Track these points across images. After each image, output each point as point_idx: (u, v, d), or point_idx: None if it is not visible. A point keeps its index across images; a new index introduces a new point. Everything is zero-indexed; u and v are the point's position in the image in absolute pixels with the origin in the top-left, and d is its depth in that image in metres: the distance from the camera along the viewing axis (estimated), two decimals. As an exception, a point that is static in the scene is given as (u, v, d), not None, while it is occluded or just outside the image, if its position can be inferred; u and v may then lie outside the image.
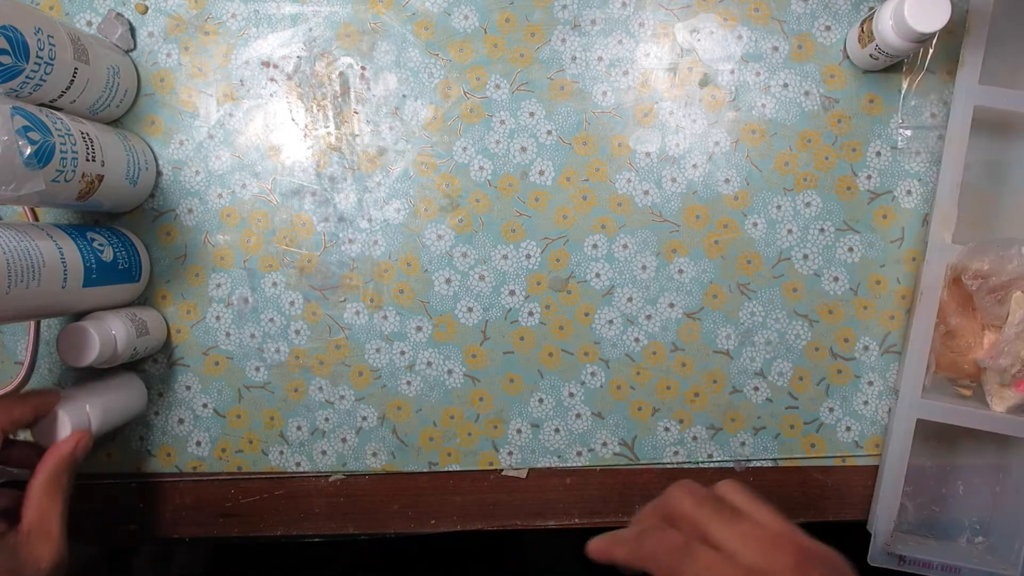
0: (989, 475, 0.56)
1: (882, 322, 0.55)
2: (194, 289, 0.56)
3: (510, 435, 0.56)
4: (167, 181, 0.55)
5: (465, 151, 0.55)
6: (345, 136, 0.55)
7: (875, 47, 0.49)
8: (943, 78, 0.54)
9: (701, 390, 0.56)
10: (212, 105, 0.55)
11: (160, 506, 0.57)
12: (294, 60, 0.55)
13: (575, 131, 0.55)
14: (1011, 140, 0.54)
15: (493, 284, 0.56)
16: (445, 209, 0.55)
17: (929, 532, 0.56)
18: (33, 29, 0.42)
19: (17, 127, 0.40)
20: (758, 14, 0.55)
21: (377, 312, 0.56)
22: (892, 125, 0.54)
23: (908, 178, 0.54)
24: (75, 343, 0.47)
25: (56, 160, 0.43)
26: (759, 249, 0.55)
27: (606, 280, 0.55)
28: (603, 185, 0.55)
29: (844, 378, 0.55)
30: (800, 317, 0.55)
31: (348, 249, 0.56)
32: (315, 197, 0.56)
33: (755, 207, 0.55)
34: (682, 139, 0.55)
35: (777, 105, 0.55)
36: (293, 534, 0.57)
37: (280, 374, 0.56)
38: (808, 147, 0.55)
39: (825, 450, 0.56)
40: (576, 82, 0.55)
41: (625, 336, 0.56)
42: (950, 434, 0.54)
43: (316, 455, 0.56)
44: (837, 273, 0.55)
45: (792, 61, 0.55)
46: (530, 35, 0.55)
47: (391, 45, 0.55)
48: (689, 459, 0.56)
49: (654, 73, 0.55)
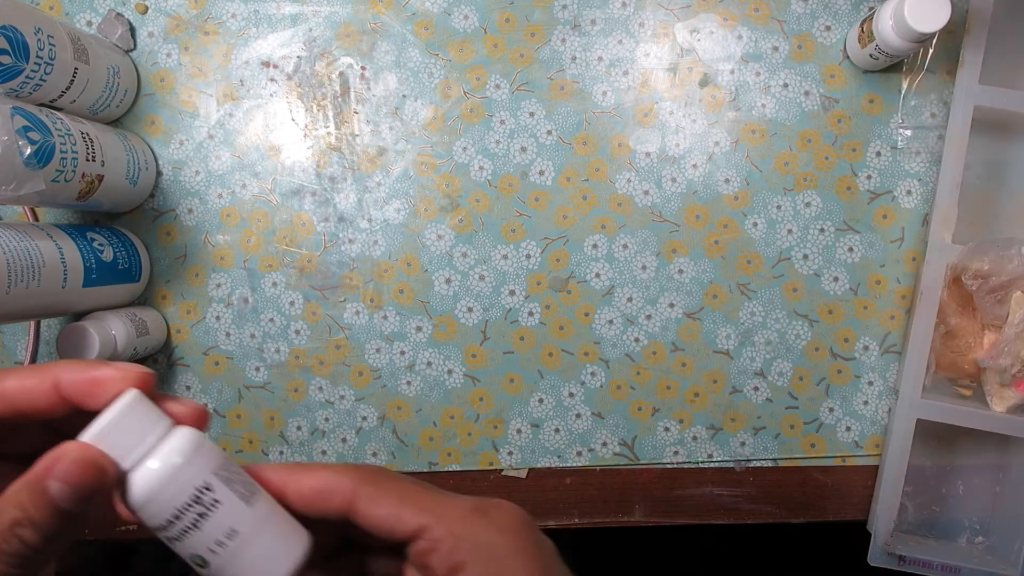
0: (989, 475, 0.56)
1: (882, 322, 0.55)
2: (194, 289, 0.56)
3: (510, 435, 0.56)
4: (167, 181, 0.55)
5: (465, 151, 0.55)
6: (345, 136, 0.55)
7: (875, 47, 0.49)
8: (943, 78, 0.54)
9: (701, 390, 0.56)
10: (212, 105, 0.55)
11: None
12: (294, 60, 0.55)
13: (575, 131, 0.55)
14: (1011, 140, 0.54)
15: (493, 284, 0.56)
16: (445, 209, 0.55)
17: (929, 532, 0.56)
18: (33, 29, 0.42)
19: (17, 127, 0.40)
20: (758, 14, 0.55)
21: (377, 312, 0.56)
22: (892, 125, 0.54)
23: (908, 178, 0.54)
24: (75, 343, 0.47)
25: (56, 160, 0.43)
26: (759, 249, 0.55)
27: (606, 280, 0.55)
28: (603, 185, 0.55)
29: (844, 378, 0.55)
30: (800, 317, 0.55)
31: (348, 249, 0.56)
32: (315, 197, 0.56)
33: (755, 207, 0.55)
34: (682, 139, 0.55)
35: (777, 105, 0.55)
36: (293, 534, 0.57)
37: (280, 374, 0.56)
38: (808, 147, 0.55)
39: (825, 450, 0.56)
40: (576, 82, 0.55)
41: (625, 336, 0.56)
42: (950, 434, 0.54)
43: (316, 455, 0.56)
44: (837, 273, 0.55)
45: (792, 61, 0.55)
46: (530, 35, 0.55)
47: (391, 45, 0.55)
48: (689, 459, 0.56)
49: (654, 73, 0.55)
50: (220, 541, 0.23)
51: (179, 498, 0.23)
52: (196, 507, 0.23)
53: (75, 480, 0.22)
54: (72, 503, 0.22)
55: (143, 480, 0.23)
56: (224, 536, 0.23)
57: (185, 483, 0.23)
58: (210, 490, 0.24)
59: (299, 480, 0.26)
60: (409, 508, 0.25)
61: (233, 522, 0.24)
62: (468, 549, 0.24)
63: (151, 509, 0.23)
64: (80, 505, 0.22)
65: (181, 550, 0.24)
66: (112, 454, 0.23)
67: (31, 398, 0.24)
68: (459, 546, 0.24)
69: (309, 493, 0.26)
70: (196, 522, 0.23)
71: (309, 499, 0.25)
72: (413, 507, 0.25)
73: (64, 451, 0.22)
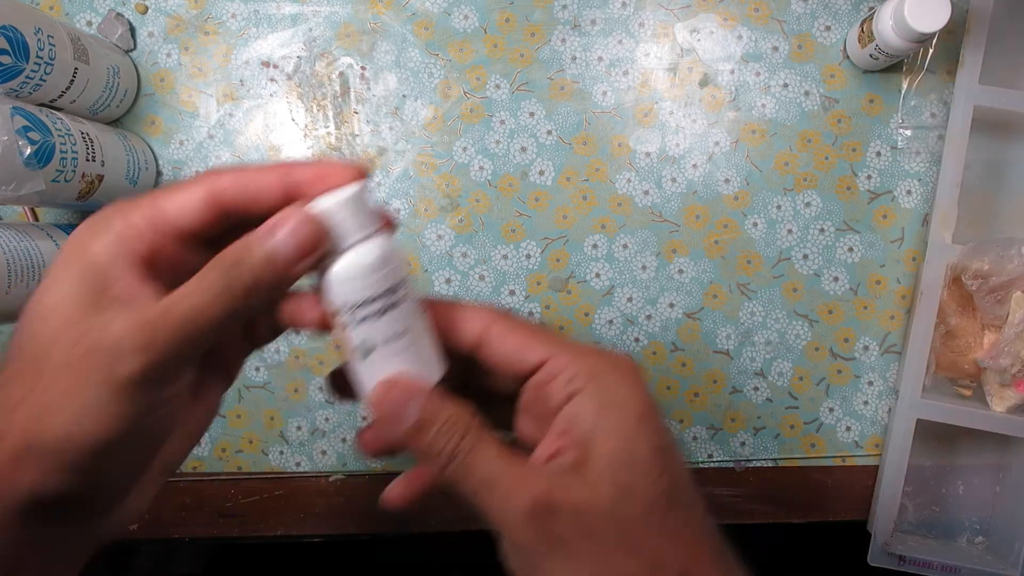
0: (989, 475, 0.56)
1: (882, 322, 0.55)
2: (194, 289, 0.56)
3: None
4: (167, 181, 0.55)
5: (465, 151, 0.55)
6: (345, 136, 0.55)
7: (875, 47, 0.49)
8: (943, 78, 0.54)
9: (701, 390, 0.56)
10: (212, 105, 0.55)
11: (160, 506, 0.57)
12: (294, 60, 0.55)
13: (575, 131, 0.55)
14: (1011, 140, 0.54)
15: (493, 284, 0.56)
16: (445, 209, 0.55)
17: (929, 532, 0.56)
18: (33, 29, 0.42)
19: (17, 127, 0.40)
20: (758, 14, 0.55)
21: (377, 312, 0.56)
22: (892, 125, 0.54)
23: (908, 178, 0.54)
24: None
25: (56, 160, 0.43)
26: (759, 249, 0.55)
27: (606, 280, 0.55)
28: (603, 185, 0.55)
29: (844, 378, 0.55)
30: (800, 317, 0.55)
31: (348, 249, 0.56)
32: (315, 197, 0.56)
33: (755, 207, 0.55)
34: (682, 139, 0.55)
35: (777, 105, 0.55)
36: (293, 534, 0.57)
37: (280, 374, 0.56)
38: (808, 147, 0.55)
39: (825, 450, 0.56)
40: (576, 82, 0.55)
41: (625, 336, 0.56)
42: (950, 434, 0.54)
43: (316, 455, 0.56)
44: (837, 273, 0.55)
45: (792, 61, 0.55)
46: (530, 35, 0.55)
47: (391, 45, 0.55)
48: (689, 459, 0.56)
49: (654, 73, 0.55)
50: (395, 334, 0.25)
51: (380, 285, 0.25)
52: (388, 297, 0.25)
53: (299, 237, 0.24)
54: (289, 257, 0.24)
55: (357, 257, 0.25)
56: (398, 331, 0.25)
57: (387, 274, 0.25)
58: (403, 287, 0.25)
59: (447, 308, 0.28)
60: (536, 341, 0.27)
61: (408, 323, 0.26)
62: (586, 377, 0.26)
63: (352, 286, 0.25)
64: (295, 262, 0.24)
65: (354, 335, 0.25)
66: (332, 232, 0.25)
67: (261, 187, 0.25)
68: (579, 374, 0.26)
69: (452, 322, 0.28)
70: (382, 311, 0.25)
71: (448, 329, 0.28)
72: (539, 341, 0.27)
73: (290, 212, 0.24)
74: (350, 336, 0.25)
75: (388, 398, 0.26)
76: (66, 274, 0.23)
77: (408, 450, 0.26)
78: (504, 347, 0.27)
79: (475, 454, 0.25)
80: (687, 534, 0.26)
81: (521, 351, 0.27)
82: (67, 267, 0.24)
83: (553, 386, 0.27)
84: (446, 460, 0.25)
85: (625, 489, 0.25)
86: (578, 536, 0.24)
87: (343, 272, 0.25)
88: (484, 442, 0.26)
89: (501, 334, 0.27)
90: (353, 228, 0.25)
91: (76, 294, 0.23)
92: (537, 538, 0.24)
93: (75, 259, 0.24)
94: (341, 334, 0.26)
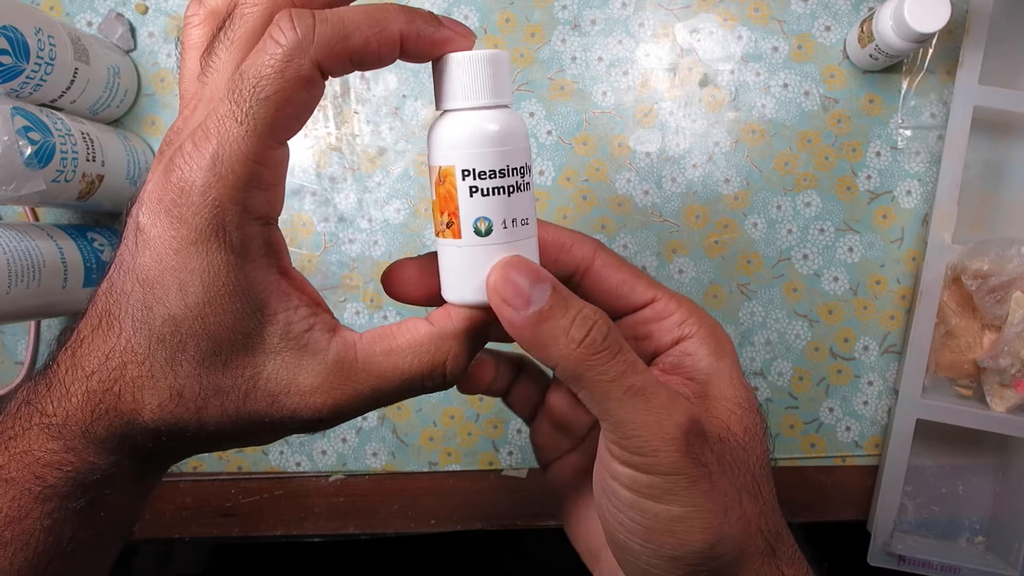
0: (989, 475, 0.56)
1: (882, 322, 0.55)
2: (194, 289, 0.56)
3: (510, 435, 0.56)
4: (167, 181, 0.55)
5: (465, 151, 0.55)
6: (345, 136, 0.55)
7: (875, 47, 0.49)
8: (943, 78, 0.54)
9: (701, 390, 0.56)
10: (212, 105, 0.55)
11: (160, 506, 0.57)
12: (294, 60, 0.55)
13: (575, 131, 0.55)
14: (1011, 140, 0.54)
15: (493, 284, 0.56)
16: (445, 209, 0.55)
17: (929, 532, 0.56)
18: (33, 29, 0.43)
19: (17, 127, 0.40)
20: (758, 14, 0.55)
21: (377, 312, 0.56)
22: (892, 125, 0.54)
23: (908, 178, 0.54)
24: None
25: (56, 160, 0.43)
26: (759, 249, 0.55)
27: (606, 280, 0.55)
28: (603, 185, 0.55)
29: (844, 378, 0.55)
30: (800, 317, 0.55)
31: (348, 249, 0.56)
32: (315, 197, 0.56)
33: (755, 207, 0.55)
34: (682, 139, 0.55)
35: (777, 105, 0.55)
36: (293, 534, 0.57)
37: (280, 374, 0.56)
38: (808, 147, 0.55)
39: (825, 450, 0.56)
40: (576, 82, 0.55)
41: (625, 336, 0.56)
42: (950, 434, 0.54)
43: (316, 455, 0.56)
44: (837, 273, 0.55)
45: (792, 61, 0.55)
46: (530, 35, 0.55)
47: (391, 45, 0.55)
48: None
49: (654, 73, 0.55)
50: (519, 220, 0.24)
51: (513, 159, 0.24)
52: (519, 176, 0.24)
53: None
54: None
55: (490, 120, 0.23)
56: (522, 218, 0.24)
57: (521, 151, 0.24)
58: (529, 175, 0.24)
59: (553, 229, 0.28)
60: (642, 282, 0.28)
61: (529, 213, 0.24)
62: (697, 324, 0.27)
63: (483, 150, 0.23)
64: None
65: (478, 208, 0.23)
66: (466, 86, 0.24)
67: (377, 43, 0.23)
68: (690, 319, 0.27)
69: (557, 244, 0.28)
70: (512, 188, 0.24)
71: (556, 248, 0.28)
72: (645, 282, 0.28)
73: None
74: (467, 206, 0.23)
75: (516, 275, 0.23)
76: None
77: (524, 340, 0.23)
78: (610, 279, 0.28)
79: (625, 356, 0.23)
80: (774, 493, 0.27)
81: (628, 286, 0.28)
82: None
83: (662, 326, 0.27)
84: (587, 352, 0.22)
85: (752, 434, 0.26)
86: (719, 469, 0.24)
87: (480, 130, 0.23)
88: (629, 348, 0.23)
89: (608, 266, 0.28)
90: (491, 90, 0.23)
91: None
92: (685, 463, 0.23)
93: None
94: (449, 204, 0.23)
